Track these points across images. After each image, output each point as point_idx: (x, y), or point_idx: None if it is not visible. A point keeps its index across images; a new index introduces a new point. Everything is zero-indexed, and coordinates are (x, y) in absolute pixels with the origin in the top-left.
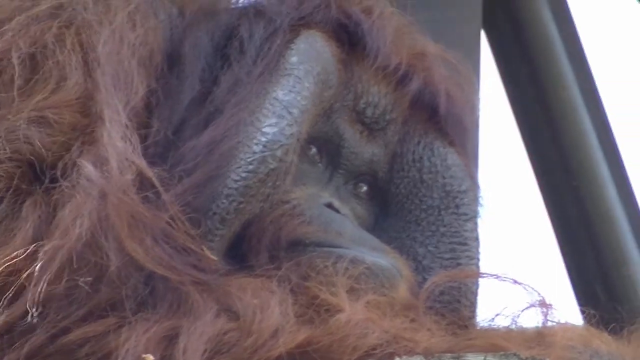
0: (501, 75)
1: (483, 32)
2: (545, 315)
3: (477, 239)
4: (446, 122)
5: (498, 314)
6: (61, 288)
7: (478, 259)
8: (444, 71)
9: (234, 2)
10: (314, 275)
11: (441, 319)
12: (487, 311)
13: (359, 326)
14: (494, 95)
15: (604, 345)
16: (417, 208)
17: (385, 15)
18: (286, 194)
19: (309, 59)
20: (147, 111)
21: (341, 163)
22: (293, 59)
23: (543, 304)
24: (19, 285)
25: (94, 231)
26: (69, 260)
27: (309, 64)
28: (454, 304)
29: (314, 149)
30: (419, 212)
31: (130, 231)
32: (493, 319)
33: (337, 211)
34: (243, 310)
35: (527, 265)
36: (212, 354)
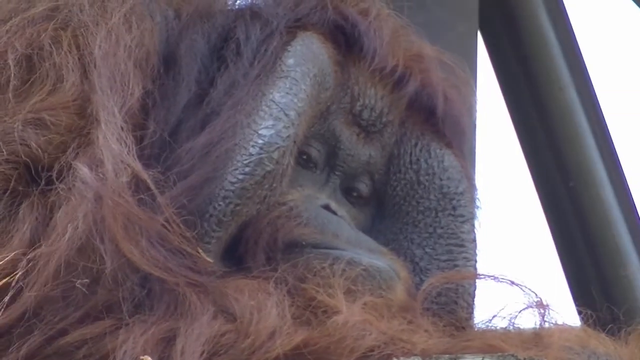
0: (497, 76)
1: (479, 34)
2: (543, 317)
3: (474, 240)
4: (443, 123)
5: (495, 315)
6: (58, 290)
7: (475, 260)
8: (440, 73)
9: (230, 3)
10: (311, 277)
11: (438, 320)
12: (485, 312)
13: (356, 328)
14: (491, 97)
15: (601, 346)
16: (414, 210)
17: (382, 17)
18: (283, 195)
19: (305, 61)
20: (143, 113)
21: (338, 165)
22: (289, 61)
23: (540, 305)
24: (16, 287)
25: (90, 233)
26: (65, 262)
27: (306, 66)
28: (451, 306)
29: (310, 151)
30: (416, 213)
31: (126, 233)
32: (490, 320)
33: (334, 213)
34: (240, 312)
35: (525, 267)
36: (209, 356)
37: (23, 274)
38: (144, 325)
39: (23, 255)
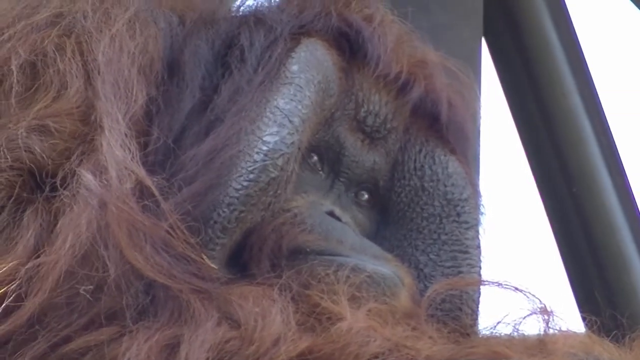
0: (502, 82)
1: (483, 39)
2: (547, 323)
3: (478, 246)
4: (447, 130)
5: (499, 321)
6: (62, 297)
7: (479, 266)
8: (444, 79)
9: (234, 10)
10: (315, 284)
11: (443, 327)
12: (489, 319)
13: (360, 334)
14: (495, 103)
15: (606, 353)
16: (419, 216)
17: (386, 23)
18: (287, 202)
19: (309, 68)
20: (147, 119)
21: (342, 171)
22: (294, 67)
23: (544, 312)
24: (20, 294)
25: (94, 240)
26: (69, 269)
27: (310, 72)
28: (455, 312)
29: (315, 157)
30: (420, 220)
31: (130, 240)
32: (495, 327)
33: (338, 219)
34: (244, 319)
35: (529, 273)
36: None
37: (27, 281)
38: (148, 332)
39: (27, 262)
